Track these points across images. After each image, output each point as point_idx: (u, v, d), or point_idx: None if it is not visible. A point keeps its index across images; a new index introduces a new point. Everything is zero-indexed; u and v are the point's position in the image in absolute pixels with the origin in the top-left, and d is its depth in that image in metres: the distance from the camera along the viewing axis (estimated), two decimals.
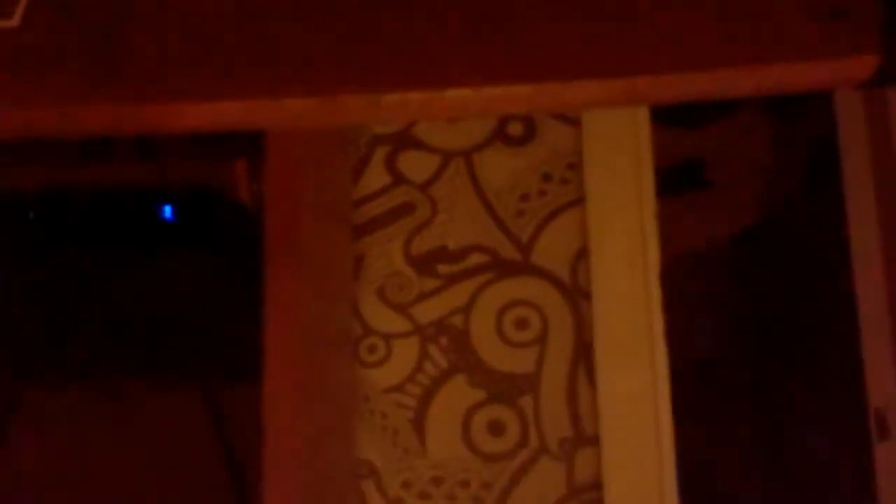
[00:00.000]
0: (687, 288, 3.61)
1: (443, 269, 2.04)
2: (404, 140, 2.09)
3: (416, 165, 2.08)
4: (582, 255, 2.01)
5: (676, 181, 3.66)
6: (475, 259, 2.03)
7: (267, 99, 1.14)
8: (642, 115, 2.06)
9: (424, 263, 2.04)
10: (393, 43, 1.13)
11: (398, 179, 2.07)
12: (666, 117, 3.47)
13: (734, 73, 1.15)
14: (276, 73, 1.12)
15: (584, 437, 1.95)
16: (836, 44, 1.12)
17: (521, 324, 2.01)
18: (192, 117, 1.14)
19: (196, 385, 1.95)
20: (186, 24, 1.15)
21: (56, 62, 1.16)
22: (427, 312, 2.02)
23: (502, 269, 2.03)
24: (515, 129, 2.07)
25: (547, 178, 2.06)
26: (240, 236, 1.67)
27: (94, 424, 2.07)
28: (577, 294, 2.00)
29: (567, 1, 1.13)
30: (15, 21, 1.13)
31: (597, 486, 1.93)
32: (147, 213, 1.74)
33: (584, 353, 1.98)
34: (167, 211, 1.74)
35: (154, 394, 2.00)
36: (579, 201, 2.03)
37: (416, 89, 1.12)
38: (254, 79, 1.12)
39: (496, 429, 1.98)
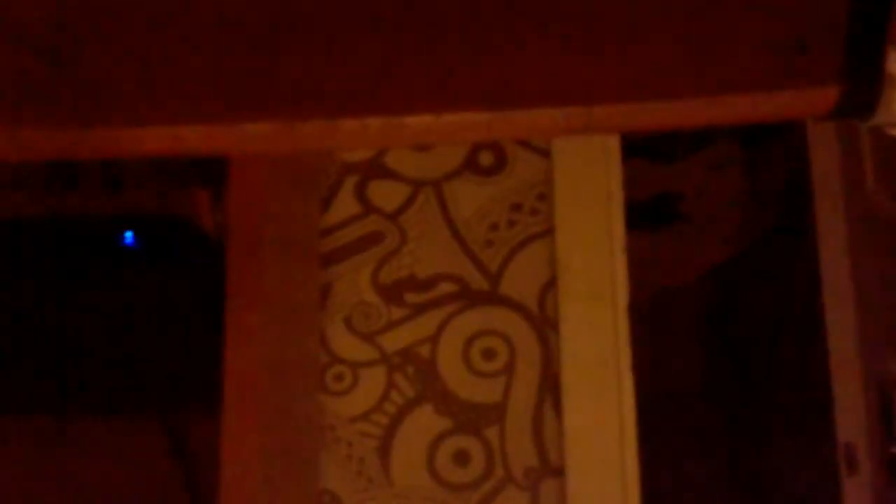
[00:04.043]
0: (663, 322, 3.62)
1: (411, 298, 2.03)
2: (374, 169, 2.09)
3: (385, 194, 2.08)
4: (550, 285, 2.01)
5: (652, 215, 3.67)
6: (443, 288, 2.03)
7: (225, 124, 1.13)
8: (613, 148, 2.07)
9: (392, 292, 2.03)
10: (352, 69, 1.13)
11: (368, 208, 2.07)
12: (641, 151, 3.49)
13: (694, 103, 1.15)
14: (235, 98, 1.12)
15: (550, 468, 1.94)
16: (797, 76, 1.13)
17: (489, 354, 2.00)
18: (150, 142, 1.14)
19: (157, 415, 1.94)
20: (144, 48, 1.15)
21: (8, 84, 1.15)
22: (394, 341, 2.01)
23: (470, 298, 2.02)
24: (486, 158, 2.08)
25: (516, 208, 2.06)
26: (202, 264, 1.67)
27: (50, 455, 2.06)
28: (544, 325, 2.00)
29: (529, 28, 1.13)
30: None
31: None
32: (109, 240, 1.74)
33: (550, 384, 1.98)
34: (129, 238, 1.73)
35: (114, 424, 1.98)
36: (549, 232, 2.03)
37: (376, 115, 1.12)
38: (212, 103, 1.12)
39: (462, 458, 1.97)
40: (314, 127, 1.13)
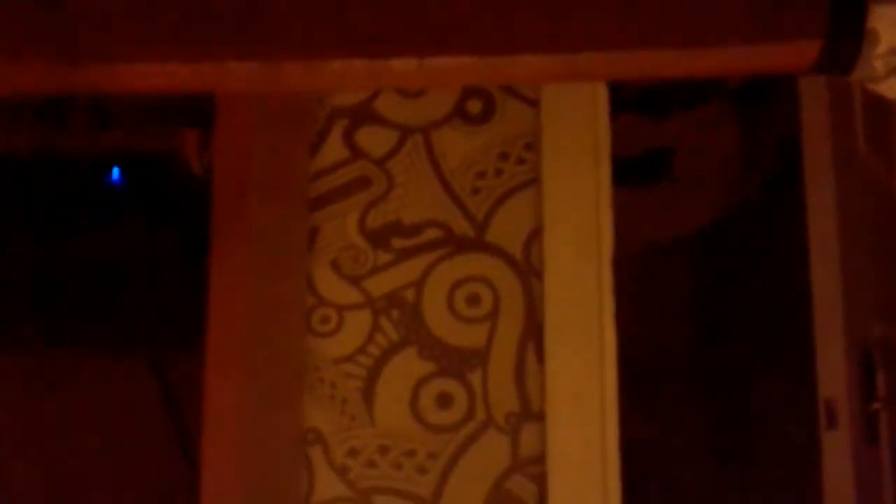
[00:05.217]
0: (652, 278, 3.64)
1: (397, 243, 2.05)
2: (363, 114, 2.10)
3: (374, 140, 2.09)
4: (536, 234, 2.03)
5: (642, 172, 3.68)
6: (430, 234, 2.05)
7: (211, 62, 1.14)
8: (602, 100, 2.08)
9: (379, 237, 2.05)
10: (338, 12, 1.14)
11: (356, 153, 2.09)
12: (633, 107, 3.49)
13: (675, 53, 1.16)
14: (222, 38, 1.13)
15: (531, 413, 1.97)
16: (778, 29, 1.14)
17: (473, 300, 2.03)
18: (136, 78, 1.15)
19: (143, 352, 1.96)
20: None
21: None
22: (380, 285, 2.04)
23: (456, 245, 2.05)
24: (474, 107, 2.09)
25: (504, 157, 2.08)
26: (189, 204, 1.68)
27: (39, 391, 2.07)
28: (529, 273, 2.02)
29: None
30: None
31: (540, 460, 1.95)
32: (95, 178, 1.74)
33: (533, 331, 2.00)
34: (115, 176, 1.74)
35: (100, 363, 2.00)
36: (535, 182, 2.05)
37: (361, 57, 1.13)
38: (199, 42, 1.13)
39: (444, 401, 2.00)
40: (299, 67, 1.14)
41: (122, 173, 1.75)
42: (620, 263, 2.22)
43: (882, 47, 1.10)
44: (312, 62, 1.16)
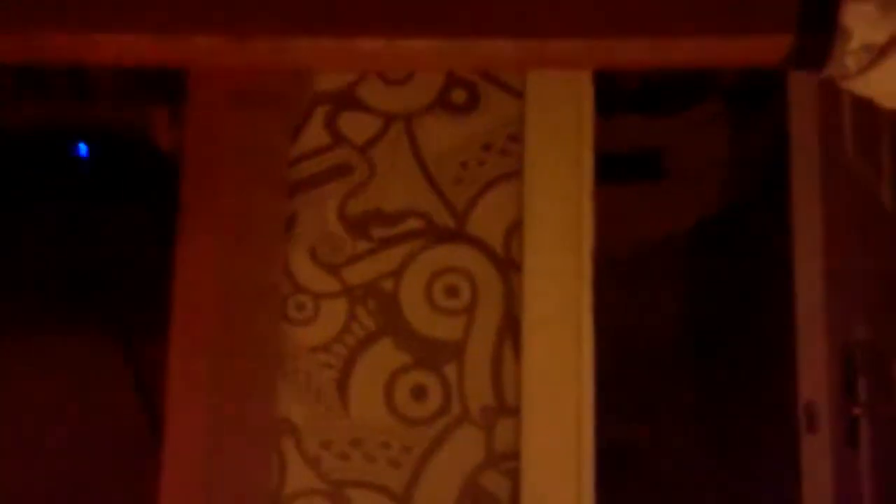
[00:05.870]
0: (640, 275, 3.63)
1: (376, 231, 2.03)
2: (346, 100, 2.07)
3: (356, 126, 2.07)
4: (516, 227, 2.01)
5: (634, 170, 3.66)
6: (410, 224, 2.03)
7: (177, 35, 1.12)
8: (587, 94, 2.06)
9: (358, 225, 2.03)
10: None
11: (337, 139, 2.06)
12: (627, 106, 3.47)
13: (645, 44, 1.14)
14: (189, 11, 1.11)
15: (506, 407, 1.95)
16: (751, 23, 1.13)
17: (451, 291, 2.01)
18: (100, 50, 1.13)
19: (110, 330, 1.94)
20: None
21: None
22: (358, 274, 2.01)
23: (436, 235, 2.02)
24: (459, 96, 2.07)
25: (487, 147, 2.06)
26: (157, 182, 1.66)
27: (10, 368, 2.06)
28: (508, 265, 2.00)
29: None
30: None
31: (515, 455, 1.93)
32: (62, 152, 1.72)
33: (511, 325, 1.98)
34: (82, 150, 1.72)
35: (71, 340, 1.98)
36: (518, 173, 2.03)
37: (327, 36, 1.11)
38: (165, 15, 1.11)
39: (419, 393, 1.98)
40: (265, 43, 1.12)
41: (89, 148, 1.72)
42: (611, 260, 2.21)
43: (854, 44, 1.09)
44: (279, 38, 1.14)
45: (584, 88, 2.05)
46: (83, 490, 2.07)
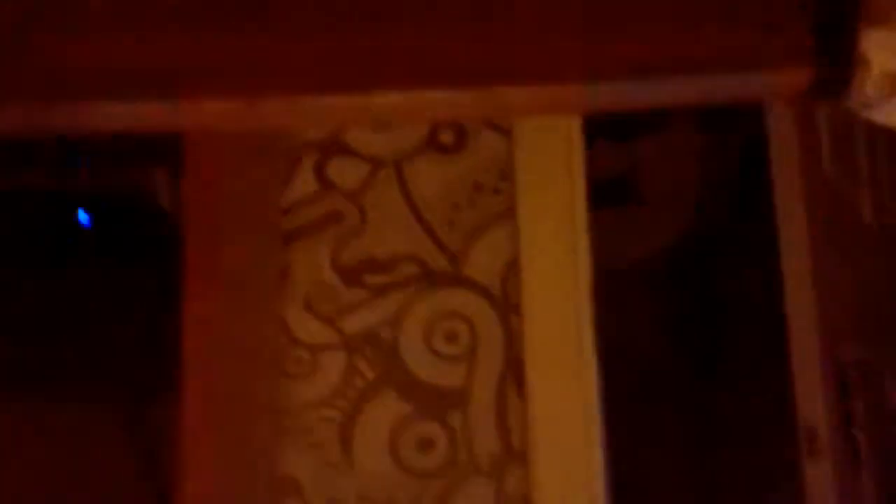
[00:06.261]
0: (618, 302, 3.61)
1: (371, 279, 2.00)
2: (334, 147, 2.05)
3: (345, 173, 2.04)
4: (513, 266, 1.98)
5: (607, 195, 3.66)
6: (404, 269, 2.00)
7: (187, 101, 1.10)
8: (575, 127, 2.05)
9: (352, 273, 2.00)
10: (315, 46, 1.10)
11: (327, 187, 2.03)
12: (597, 131, 3.47)
13: (666, 83, 1.13)
14: (198, 75, 1.08)
15: (514, 453, 1.92)
16: (770, 56, 1.11)
17: (451, 337, 1.98)
18: (108, 118, 1.10)
19: (115, 397, 1.90)
20: (101, 25, 1.11)
21: None
22: (354, 323, 1.98)
23: (432, 280, 2.00)
24: (447, 137, 2.05)
25: (478, 187, 2.03)
26: (160, 243, 1.63)
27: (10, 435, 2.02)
28: (507, 307, 1.98)
29: (489, 10, 1.10)
30: None
31: (526, 501, 1.90)
32: (64, 218, 1.69)
33: (513, 367, 1.95)
34: (83, 217, 1.69)
35: (72, 405, 1.95)
36: (511, 212, 2.01)
37: (339, 93, 1.09)
38: (174, 80, 1.08)
39: (425, 444, 1.94)
40: (277, 105, 1.10)
41: (90, 213, 1.69)
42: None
43: (874, 72, 1.07)
44: (290, 99, 1.11)
45: (571, 122, 2.03)
46: None
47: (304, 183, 2.02)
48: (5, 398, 1.94)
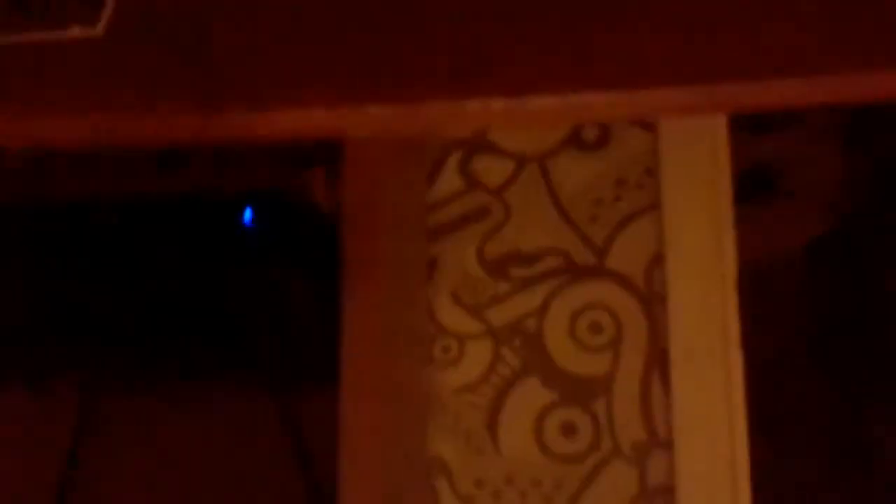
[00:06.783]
0: (758, 296, 3.59)
1: (516, 272, 2.05)
2: (478, 145, 2.10)
3: (489, 170, 2.10)
4: (657, 260, 2.02)
5: (744, 187, 3.63)
6: (549, 262, 2.05)
7: (351, 106, 1.15)
8: (720, 121, 2.06)
9: (498, 266, 2.06)
10: (475, 51, 1.14)
11: (472, 184, 2.09)
12: (736, 122, 3.45)
13: (806, 82, 1.15)
14: (360, 81, 1.14)
15: (657, 441, 1.96)
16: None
17: (595, 327, 2.02)
18: (276, 125, 1.17)
19: (273, 394, 1.98)
20: (267, 35, 1.17)
21: (139, 71, 1.19)
22: (500, 314, 2.04)
23: (576, 272, 2.04)
24: (590, 134, 2.08)
25: (621, 183, 2.07)
26: (318, 242, 1.70)
27: (170, 429, 2.10)
28: (651, 299, 2.01)
29: (642, 10, 1.14)
30: (99, 30, 1.15)
31: (669, 489, 1.93)
32: (226, 218, 1.77)
33: (657, 358, 1.99)
34: (247, 216, 1.77)
35: (231, 402, 2.03)
36: (655, 207, 2.04)
37: (498, 96, 1.14)
38: (338, 86, 1.14)
39: (568, 430, 1.99)
40: (439, 109, 1.15)
41: (252, 212, 1.77)
42: None
43: None
44: (452, 103, 1.16)
45: (718, 117, 2.05)
46: None
47: (449, 180, 2.09)
48: (167, 392, 2.04)
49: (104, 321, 1.98)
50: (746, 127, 3.47)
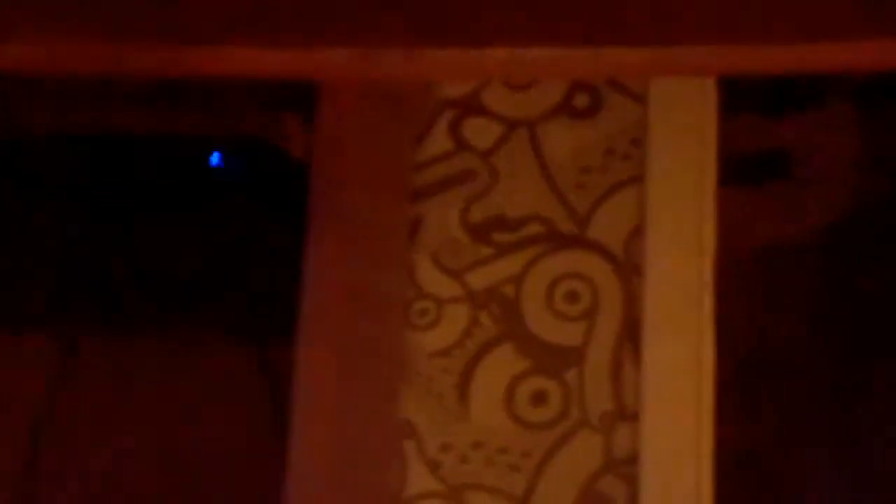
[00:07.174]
0: (767, 281, 3.57)
1: (498, 237, 2.04)
2: (470, 106, 2.09)
3: (479, 132, 2.08)
4: (637, 231, 2.00)
5: (759, 171, 3.61)
6: (531, 229, 2.04)
7: (305, 49, 1.15)
8: (710, 98, 2.05)
9: (481, 230, 2.05)
10: (434, 5, 1.14)
11: (461, 145, 2.08)
12: (752, 106, 3.43)
13: (785, 49, 1.14)
14: (316, 26, 1.14)
15: (626, 412, 1.95)
16: (887, 26, 1.11)
17: (572, 297, 2.01)
18: (232, 64, 1.17)
19: (243, 338, 1.98)
20: None
21: (109, 2, 1.19)
22: (480, 279, 2.03)
23: (557, 241, 2.03)
24: (581, 101, 2.07)
25: (610, 152, 2.05)
26: (288, 190, 1.69)
27: (145, 375, 2.11)
28: (629, 270, 2.00)
29: None
30: None
31: (634, 460, 1.93)
32: (197, 160, 1.76)
33: (631, 330, 1.98)
34: (216, 159, 1.76)
35: (205, 345, 2.03)
36: (640, 178, 2.02)
37: (451, 47, 1.13)
38: (299, 31, 1.14)
39: (539, 399, 1.98)
40: (390, 56, 1.15)
41: (221, 155, 1.76)
42: (735, 263, 2.18)
43: None
44: (405, 50, 1.16)
45: (707, 92, 2.03)
46: (206, 496, 2.12)
47: (438, 140, 2.07)
48: (136, 339, 2.04)
49: (67, 263, 1.97)
50: (764, 111, 3.44)
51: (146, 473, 2.25)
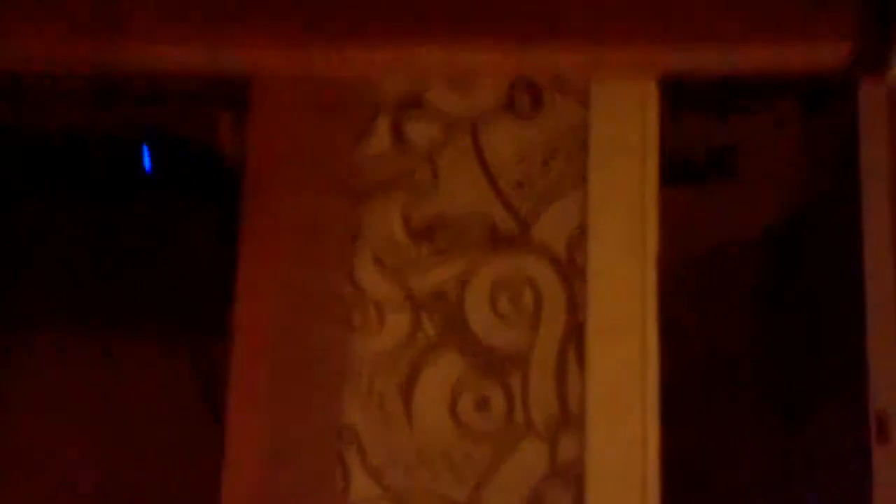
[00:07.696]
0: (712, 282, 3.58)
1: (440, 238, 2.02)
2: (412, 105, 2.06)
3: (421, 131, 2.05)
4: (580, 233, 1.99)
5: (704, 171, 3.62)
6: (474, 231, 2.01)
7: (237, 46, 1.12)
8: (652, 99, 2.04)
9: (423, 232, 2.02)
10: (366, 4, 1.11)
11: (402, 146, 2.05)
12: (696, 106, 3.43)
13: (711, 49, 1.13)
14: (246, 23, 1.11)
15: (570, 417, 1.93)
16: (813, 29, 1.11)
17: (515, 299, 1.99)
18: (162, 60, 1.13)
19: (178, 335, 1.95)
20: None
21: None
22: (422, 282, 2.00)
23: (500, 242, 2.01)
24: (523, 102, 2.05)
25: (552, 153, 2.04)
26: (221, 188, 1.66)
27: (80, 370, 2.07)
28: (572, 273, 1.98)
29: None
30: None
31: (579, 466, 1.91)
32: (125, 158, 1.73)
33: (575, 333, 1.96)
34: (144, 156, 1.72)
35: (138, 345, 2.00)
36: (582, 179, 2.01)
37: (386, 46, 1.11)
38: (224, 27, 1.11)
39: (483, 404, 1.96)
40: (323, 54, 1.12)
41: (152, 154, 1.72)
42: (682, 264, 2.18)
43: None
44: (338, 49, 1.13)
45: (649, 95, 2.02)
46: (143, 495, 2.08)
47: (380, 139, 2.04)
48: (73, 336, 2.00)
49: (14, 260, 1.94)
50: (708, 111, 3.45)
51: (85, 472, 2.22)
